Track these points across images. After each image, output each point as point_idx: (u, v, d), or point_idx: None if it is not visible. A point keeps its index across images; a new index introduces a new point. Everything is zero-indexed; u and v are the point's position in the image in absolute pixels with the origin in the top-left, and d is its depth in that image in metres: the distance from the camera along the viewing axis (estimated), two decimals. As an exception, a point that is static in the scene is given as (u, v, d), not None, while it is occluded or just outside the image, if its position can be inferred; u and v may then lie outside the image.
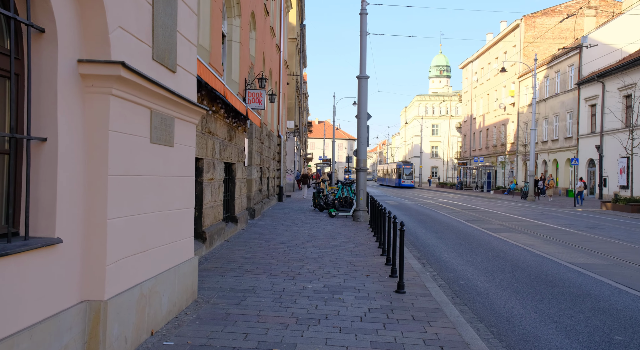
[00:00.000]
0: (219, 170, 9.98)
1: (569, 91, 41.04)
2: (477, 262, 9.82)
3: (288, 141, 37.74)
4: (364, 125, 16.66)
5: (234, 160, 11.74)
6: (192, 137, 5.60)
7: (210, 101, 8.87)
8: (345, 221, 16.25)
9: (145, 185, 4.31)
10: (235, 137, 11.90)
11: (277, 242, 10.76)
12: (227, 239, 10.69)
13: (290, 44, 37.78)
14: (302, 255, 9.22)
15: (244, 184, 13.28)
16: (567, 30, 49.62)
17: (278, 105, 25.08)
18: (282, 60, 25.52)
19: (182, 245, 5.33)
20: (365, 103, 16.60)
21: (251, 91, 13.01)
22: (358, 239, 11.81)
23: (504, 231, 15.11)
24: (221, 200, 10.27)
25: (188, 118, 5.36)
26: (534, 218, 20.08)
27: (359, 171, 16.70)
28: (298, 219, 16.48)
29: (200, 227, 8.69)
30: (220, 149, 10.08)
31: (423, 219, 19.13)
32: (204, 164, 8.73)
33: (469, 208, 25.65)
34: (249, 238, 11.25)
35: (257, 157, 16.34)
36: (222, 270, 7.48)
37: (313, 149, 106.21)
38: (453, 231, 15.05)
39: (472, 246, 11.95)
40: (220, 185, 10.20)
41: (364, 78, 16.59)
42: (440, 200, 33.29)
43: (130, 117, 4.01)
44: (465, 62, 68.45)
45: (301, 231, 12.99)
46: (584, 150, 38.22)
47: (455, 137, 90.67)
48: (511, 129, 52.79)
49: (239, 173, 12.53)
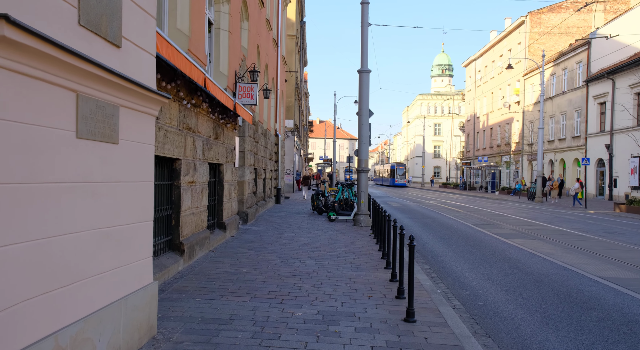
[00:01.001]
0: (202, 172, 8.84)
1: (576, 89, 39.82)
2: (493, 275, 8.66)
3: (287, 141, 36.60)
4: (365, 123, 15.50)
5: (221, 161, 10.60)
6: (149, 132, 4.45)
7: (189, 93, 7.73)
8: (346, 226, 15.10)
9: (67, 196, 3.17)
10: (223, 135, 10.76)
11: (269, 252, 9.61)
12: (212, 249, 9.54)
13: (289, 41, 36.66)
14: (295, 269, 8.07)
15: (234, 186, 12.14)
16: (574, 26, 48.39)
17: (275, 102, 23.95)
18: (279, 55, 24.38)
19: (133, 270, 4.18)
20: (367, 99, 15.45)
21: (242, 85, 11.87)
22: (359, 248, 10.66)
23: (517, 237, 13.95)
24: (205, 206, 9.13)
25: (141, 107, 4.21)
26: (546, 221, 18.90)
27: (360, 172, 15.55)
28: (295, 223, 15.34)
29: (177, 238, 7.55)
30: (204, 148, 8.94)
31: (428, 222, 17.97)
32: (181, 165, 7.59)
33: (476, 210, 24.48)
34: (238, 247, 10.10)
35: (251, 157, 15.20)
36: (197, 291, 6.33)
37: (314, 149, 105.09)
38: (462, 237, 13.89)
39: (485, 255, 10.79)
40: (204, 189, 9.06)
41: (366, 72, 15.43)
42: (444, 202, 32.12)
43: (37, 100, 2.86)
44: (469, 60, 67.24)
45: (297, 238, 11.84)
46: (593, 150, 36.99)
47: (458, 137, 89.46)
48: (516, 128, 51.58)
49: (228, 175, 11.39)
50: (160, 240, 7.10)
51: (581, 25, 48.41)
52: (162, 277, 6.51)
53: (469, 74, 68.89)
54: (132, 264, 4.17)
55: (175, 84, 6.90)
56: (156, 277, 6.26)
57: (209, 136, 9.31)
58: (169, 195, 7.44)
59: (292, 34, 37.06)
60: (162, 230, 7.23)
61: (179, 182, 7.54)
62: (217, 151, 10.10)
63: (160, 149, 6.57)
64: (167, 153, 6.91)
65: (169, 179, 7.45)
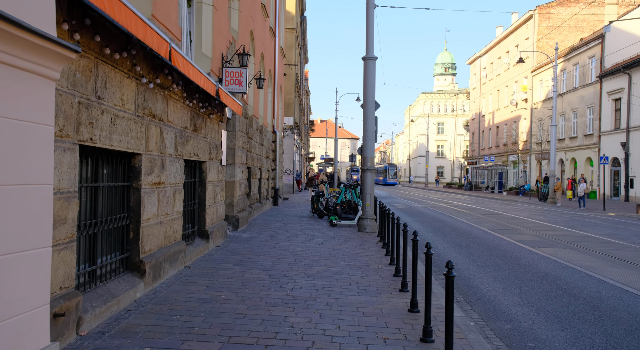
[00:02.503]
0: (175, 171, 7.19)
1: (589, 85, 38.10)
2: (534, 299, 7.00)
3: (286, 138, 34.95)
4: (371, 116, 13.83)
5: (203, 158, 8.95)
6: (44, 104, 2.79)
7: (153, 70, 6.08)
8: (349, 232, 13.44)
9: None
10: (205, 128, 9.11)
11: (257, 268, 7.95)
12: (188, 264, 7.88)
13: (289, 35, 35.03)
14: (287, 293, 6.41)
15: (220, 188, 10.48)
16: (584, 21, 46.69)
17: (273, 97, 22.31)
18: (277, 46, 22.73)
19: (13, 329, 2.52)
20: (373, 89, 13.78)
21: (229, 69, 10.21)
22: (366, 260, 9.01)
23: (544, 245, 12.28)
24: (179, 212, 7.48)
25: (25, 63, 2.56)
26: (568, 225, 17.22)
27: (365, 171, 13.89)
28: (292, 229, 13.68)
29: (136, 255, 5.90)
30: (177, 142, 7.29)
31: (440, 227, 16.30)
32: (143, 161, 5.94)
33: (487, 212, 22.80)
34: (221, 261, 8.43)
35: (243, 154, 13.55)
36: (150, 334, 4.66)
37: (315, 149, 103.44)
38: (481, 245, 12.23)
39: (514, 269, 9.12)
40: (178, 192, 7.40)
41: (371, 59, 13.77)
42: (451, 203, 30.44)
43: None
44: (474, 57, 65.52)
45: (293, 248, 10.18)
46: (607, 148, 35.27)
47: (462, 136, 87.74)
48: (523, 126, 49.87)
49: (213, 174, 9.74)
50: (110, 260, 5.45)
51: (591, 19, 46.71)
52: (105, 312, 4.86)
53: (473, 71, 67.17)
54: (11, 319, 2.51)
55: (129, 54, 5.25)
56: (97, 313, 4.62)
57: (184, 127, 7.66)
58: (125, 201, 5.80)
59: (291, 28, 35.42)
60: (114, 246, 5.58)
61: (138, 183, 5.89)
62: (197, 146, 8.45)
63: (105, 139, 4.92)
64: (118, 145, 5.26)
65: (125, 180, 5.80)
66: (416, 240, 6.05)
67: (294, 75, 36.42)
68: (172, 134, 7.03)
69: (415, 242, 6.03)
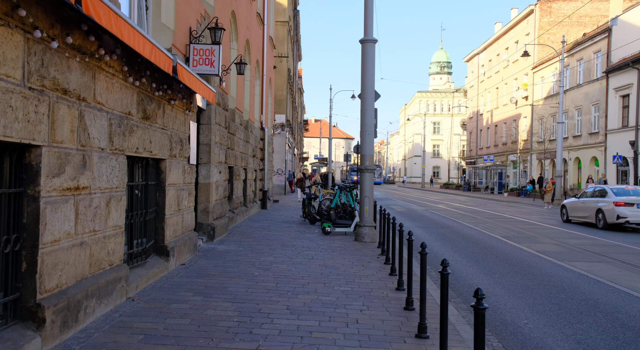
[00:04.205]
0: (108, 171, 5.29)
1: (594, 81, 36.40)
2: (597, 345, 5.16)
3: (278, 137, 33.05)
4: (370, 108, 11.96)
5: (160, 155, 7.04)
6: None
7: (61, 22, 4.18)
8: (345, 241, 11.57)
9: None
10: (163, 117, 7.20)
11: (225, 299, 6.05)
12: (132, 295, 5.96)
13: (280, 27, 33.17)
14: (258, 344, 4.53)
15: (187, 191, 8.57)
16: (587, 16, 45.08)
17: (261, 90, 20.41)
18: (266, 36, 20.83)
19: None
20: (372, 76, 11.91)
21: (198, 46, 8.31)
22: (367, 283, 7.13)
23: (573, 258, 10.46)
24: (118, 226, 5.57)
25: None
26: (590, 233, 15.41)
27: (364, 171, 12.02)
28: (278, 238, 11.78)
29: (31, 297, 3.99)
30: (113, 131, 5.38)
31: (446, 234, 14.46)
32: (43, 157, 4.04)
33: (493, 216, 20.99)
34: (180, 288, 6.52)
35: (221, 152, 11.66)
36: None
37: (309, 148, 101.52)
38: (500, 258, 10.39)
39: (552, 294, 7.27)
40: (115, 199, 5.50)
41: (370, 42, 11.90)
42: (453, 205, 28.64)
43: None
44: (471, 54, 63.82)
45: (276, 266, 8.28)
46: (614, 147, 33.56)
47: (458, 135, 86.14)
48: (524, 124, 48.17)
49: (176, 175, 7.83)
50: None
51: (594, 14, 45.11)
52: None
53: (471, 69, 65.49)
54: None
55: None
56: None
57: (126, 113, 5.75)
58: (13, 216, 3.89)
59: (283, 21, 33.57)
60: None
61: (36, 189, 3.99)
62: (149, 139, 6.54)
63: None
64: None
65: (13, 185, 3.89)
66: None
67: (285, 71, 34.55)
68: (103, 121, 5.12)
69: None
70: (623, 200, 16.20)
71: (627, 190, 17.24)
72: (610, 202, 16.44)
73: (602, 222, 16.70)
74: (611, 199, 16.51)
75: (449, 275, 4.03)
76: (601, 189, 17.85)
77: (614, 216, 16.08)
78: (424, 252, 4.97)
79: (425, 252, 4.96)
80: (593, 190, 18.38)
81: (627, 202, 16.06)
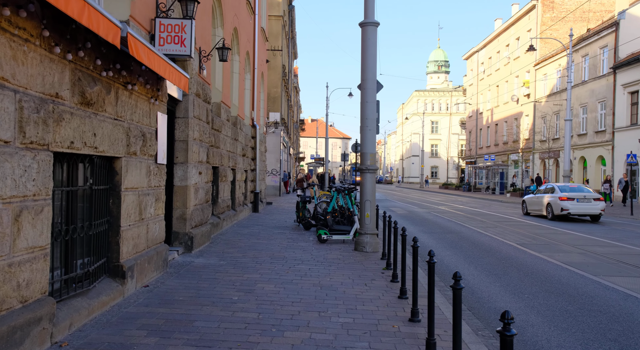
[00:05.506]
0: (20, 173, 3.84)
1: (600, 77, 35.08)
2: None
3: (273, 136, 31.61)
4: (371, 100, 10.50)
5: (112, 152, 5.59)
6: None
7: None
8: (343, 251, 10.13)
9: None
10: (117, 104, 5.74)
11: (186, 342, 4.59)
12: (59, 339, 4.47)
13: (274, 22, 31.73)
14: None
15: (154, 196, 7.11)
16: (591, 11, 43.79)
17: (252, 85, 18.96)
18: (257, 26, 19.38)
19: None
20: (374, 64, 10.47)
21: (165, 21, 6.85)
22: (372, 311, 5.70)
23: (608, 272, 9.05)
24: (37, 248, 4.11)
25: None
26: (611, 237, 14.02)
27: (365, 172, 10.57)
28: (268, 248, 10.33)
29: None
30: (23, 118, 3.92)
31: (455, 240, 13.04)
32: None
33: (502, 219, 19.58)
34: (132, 323, 5.06)
35: (202, 150, 10.20)
36: None
37: (305, 148, 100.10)
38: (523, 272, 8.97)
39: (600, 322, 5.85)
40: (31, 212, 4.05)
41: (372, 25, 10.47)
42: (456, 206, 27.24)
43: None
44: (470, 52, 62.48)
45: (261, 286, 6.83)
46: (622, 146, 32.25)
47: (457, 135, 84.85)
48: (525, 123, 46.83)
49: (137, 177, 6.38)
50: None
51: (598, 9, 43.85)
52: None
53: (470, 67, 64.15)
54: None
55: None
56: None
57: (52, 95, 4.29)
58: None
59: (277, 15, 32.12)
60: None
61: None
62: (92, 131, 5.08)
63: None
64: None
65: None
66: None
67: (280, 67, 33.13)
68: (7, 103, 3.66)
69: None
70: (566, 195, 19.14)
71: (572, 187, 20.15)
72: (556, 197, 19.41)
73: (550, 214, 19.73)
74: (557, 195, 19.49)
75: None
76: (551, 187, 20.68)
77: (559, 209, 19.12)
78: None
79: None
80: (545, 188, 21.29)
81: (569, 197, 19.01)
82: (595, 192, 20.76)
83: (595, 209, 18.94)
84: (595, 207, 18.95)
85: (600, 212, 18.99)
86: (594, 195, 19.47)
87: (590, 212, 19.03)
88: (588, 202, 19.01)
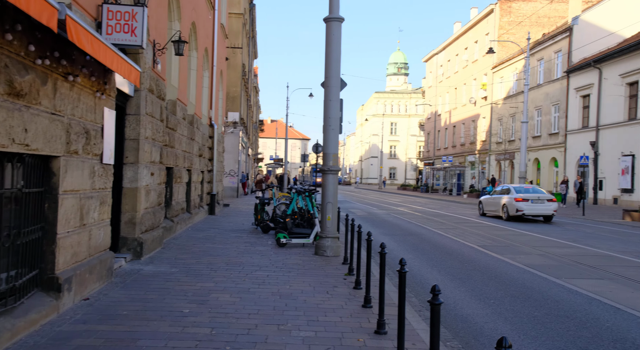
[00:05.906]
0: None
1: (554, 81, 36.03)
2: None
3: (231, 136, 30.88)
4: (334, 98, 10.15)
5: (49, 150, 5.02)
6: None
7: None
8: (303, 256, 9.73)
9: None
10: (55, 97, 5.17)
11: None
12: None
13: (234, 20, 30.99)
14: None
15: (99, 200, 6.52)
16: (545, 16, 45.01)
17: (210, 83, 18.33)
18: (217, 23, 18.75)
19: None
20: (338, 61, 10.13)
21: (114, 7, 6.28)
22: (335, 323, 5.32)
23: (570, 274, 8.99)
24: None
25: None
26: (566, 237, 14.17)
27: (327, 173, 10.22)
28: (224, 253, 9.82)
29: None
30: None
31: (416, 243, 12.87)
32: None
33: (461, 220, 19.65)
34: (62, 346, 4.50)
35: (155, 150, 9.60)
36: None
37: (265, 149, 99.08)
38: (486, 275, 8.80)
39: (566, 327, 5.67)
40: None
41: (336, 21, 10.14)
42: (414, 208, 27.30)
43: None
44: (430, 54, 63.32)
45: (215, 297, 6.34)
46: (574, 148, 33.18)
47: (415, 137, 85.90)
48: (483, 125, 47.70)
49: (79, 178, 5.79)
50: None
51: (552, 15, 45.09)
52: None
53: (429, 69, 65.00)
54: None
55: None
56: None
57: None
58: None
59: (238, 13, 31.41)
60: None
61: None
62: (23, 126, 4.51)
63: None
64: None
65: None
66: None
67: (240, 66, 32.42)
68: None
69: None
70: (522, 196, 19.47)
71: (526, 189, 20.40)
72: (512, 198, 19.70)
73: (506, 214, 20.01)
74: (512, 196, 19.79)
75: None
76: (507, 188, 20.97)
77: (514, 209, 19.42)
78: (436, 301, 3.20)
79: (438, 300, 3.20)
80: (501, 189, 21.51)
81: (524, 198, 19.33)
82: (548, 194, 21.15)
83: (548, 210, 19.32)
84: (548, 208, 19.32)
85: (552, 212, 19.41)
86: (547, 196, 19.84)
87: (544, 213, 19.42)
88: (542, 203, 19.35)
